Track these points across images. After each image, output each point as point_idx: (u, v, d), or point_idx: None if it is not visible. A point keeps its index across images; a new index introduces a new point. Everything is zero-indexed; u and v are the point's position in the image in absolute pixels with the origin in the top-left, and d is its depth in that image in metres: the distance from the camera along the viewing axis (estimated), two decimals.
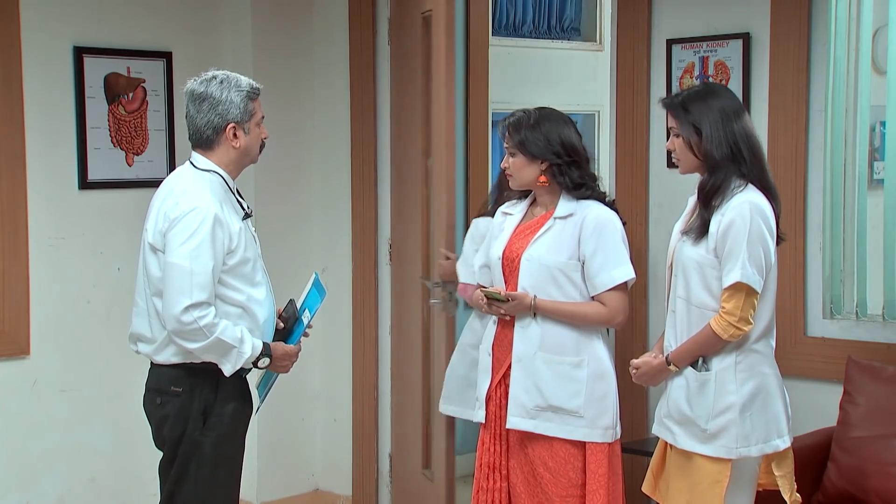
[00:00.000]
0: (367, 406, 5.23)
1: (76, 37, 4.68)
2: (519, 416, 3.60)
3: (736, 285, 3.18)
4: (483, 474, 3.69)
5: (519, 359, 3.61)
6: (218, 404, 3.39)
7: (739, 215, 3.18)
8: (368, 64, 5.14)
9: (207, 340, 3.27)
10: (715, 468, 3.23)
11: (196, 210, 3.27)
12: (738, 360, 3.24)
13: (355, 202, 5.23)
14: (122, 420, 4.83)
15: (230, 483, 3.49)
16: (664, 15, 4.35)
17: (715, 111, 3.24)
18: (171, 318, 3.27)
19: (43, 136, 4.60)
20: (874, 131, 4.03)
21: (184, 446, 3.39)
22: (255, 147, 3.45)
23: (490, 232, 3.83)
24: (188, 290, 3.24)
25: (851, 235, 3.99)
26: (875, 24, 3.97)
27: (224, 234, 3.30)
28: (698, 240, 3.25)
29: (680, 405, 3.28)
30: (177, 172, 3.47)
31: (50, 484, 4.66)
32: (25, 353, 4.57)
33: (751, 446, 3.23)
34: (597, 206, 3.63)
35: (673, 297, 3.35)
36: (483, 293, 3.61)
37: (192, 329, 3.26)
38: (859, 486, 3.69)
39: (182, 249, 3.25)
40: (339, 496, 5.36)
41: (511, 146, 3.65)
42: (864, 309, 3.99)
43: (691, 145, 3.27)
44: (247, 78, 3.45)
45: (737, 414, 3.21)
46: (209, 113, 3.36)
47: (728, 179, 3.22)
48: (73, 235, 4.70)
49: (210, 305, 3.28)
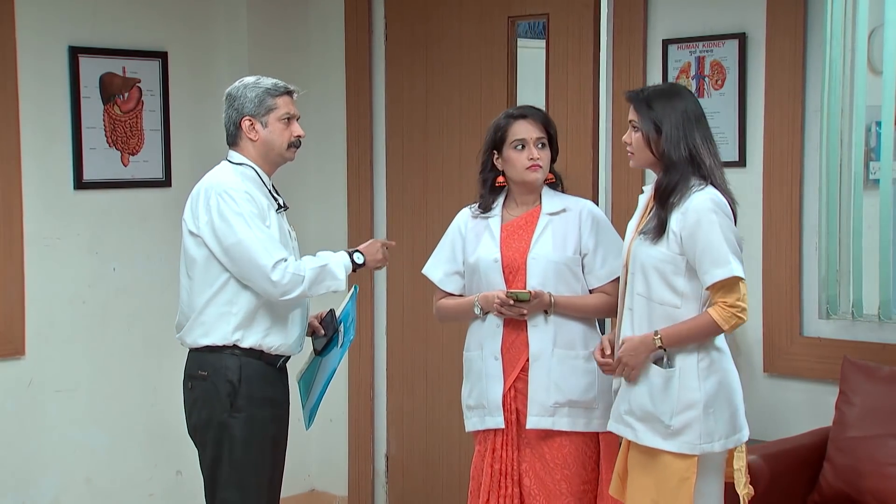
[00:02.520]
0: (364, 406, 5.23)
1: (71, 36, 4.67)
2: (539, 416, 3.57)
3: (731, 280, 3.18)
4: (494, 481, 3.63)
5: (536, 357, 3.58)
6: (244, 387, 3.47)
7: (704, 212, 3.19)
8: (364, 61, 5.14)
9: (305, 280, 3.46)
10: (682, 465, 3.22)
11: (228, 191, 3.46)
12: (700, 358, 3.25)
13: (351, 201, 5.23)
14: (118, 420, 4.83)
15: (266, 466, 3.54)
16: (660, 15, 4.34)
17: (678, 112, 3.25)
18: (266, 284, 3.42)
19: (38, 136, 4.59)
20: (870, 131, 4.03)
21: (213, 430, 3.49)
22: (277, 141, 3.59)
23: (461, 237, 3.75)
24: (265, 252, 3.42)
25: (847, 235, 3.98)
26: (871, 24, 3.96)
27: (258, 207, 3.48)
28: (657, 239, 3.26)
29: (643, 402, 3.28)
30: (214, 168, 3.63)
31: (45, 485, 4.65)
32: (21, 354, 4.57)
33: (714, 442, 3.23)
34: (583, 199, 3.68)
35: (630, 296, 3.34)
36: (509, 295, 3.53)
37: (288, 281, 3.43)
38: (855, 486, 3.68)
39: (237, 226, 3.42)
40: (335, 496, 5.35)
41: (545, 136, 3.64)
42: (860, 309, 3.98)
43: (649, 142, 3.28)
44: (276, 80, 3.63)
45: (700, 410, 3.21)
46: (229, 109, 3.59)
47: (685, 179, 3.23)
48: (69, 235, 4.70)
49: (287, 257, 3.45)
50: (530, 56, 4.89)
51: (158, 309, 4.85)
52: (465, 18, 4.86)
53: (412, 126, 5.06)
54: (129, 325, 4.86)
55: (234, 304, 3.48)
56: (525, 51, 4.89)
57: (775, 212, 4.08)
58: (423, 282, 4.98)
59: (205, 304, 3.49)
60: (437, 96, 4.96)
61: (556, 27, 4.56)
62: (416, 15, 5.02)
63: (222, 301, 3.48)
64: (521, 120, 3.64)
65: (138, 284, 4.88)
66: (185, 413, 3.60)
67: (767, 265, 4.09)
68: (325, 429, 5.28)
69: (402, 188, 5.11)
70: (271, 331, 3.52)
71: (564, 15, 4.53)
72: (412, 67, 5.03)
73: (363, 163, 5.19)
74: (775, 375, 4.11)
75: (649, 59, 4.36)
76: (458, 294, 3.75)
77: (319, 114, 5.28)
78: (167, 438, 4.89)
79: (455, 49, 4.90)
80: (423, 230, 5.00)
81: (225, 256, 3.46)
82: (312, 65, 5.29)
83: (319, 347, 3.69)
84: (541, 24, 4.76)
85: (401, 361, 5.15)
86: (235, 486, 3.50)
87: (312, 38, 5.31)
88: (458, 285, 3.75)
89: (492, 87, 4.78)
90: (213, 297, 3.49)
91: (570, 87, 4.52)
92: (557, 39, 4.56)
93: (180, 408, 3.69)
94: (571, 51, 4.52)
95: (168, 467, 4.96)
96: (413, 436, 5.11)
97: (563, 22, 4.54)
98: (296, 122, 3.63)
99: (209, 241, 3.47)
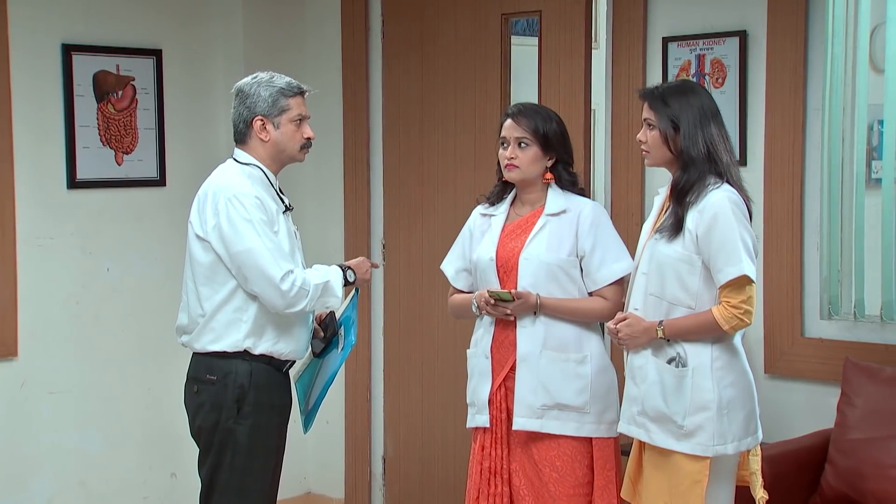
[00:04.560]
0: (360, 408, 5.20)
1: (65, 34, 4.64)
2: (525, 417, 3.56)
3: (740, 279, 3.16)
4: (484, 479, 3.64)
5: (524, 359, 3.57)
6: (252, 392, 3.44)
7: (721, 210, 3.17)
8: (361, 58, 5.13)
9: (309, 295, 3.43)
10: (694, 468, 3.20)
11: (238, 196, 3.41)
12: (714, 358, 3.23)
13: (348, 199, 5.21)
14: (112, 422, 4.81)
15: (267, 472, 3.52)
16: (660, 12, 4.32)
17: (695, 109, 3.24)
18: (275, 297, 3.39)
19: (31, 134, 4.56)
20: (872, 130, 4.01)
21: (218, 434, 3.46)
22: (288, 143, 3.54)
23: (469, 235, 3.75)
24: (274, 264, 3.38)
25: (849, 235, 3.97)
26: (873, 21, 3.95)
27: (267, 213, 3.44)
28: (673, 237, 3.23)
29: (656, 402, 3.26)
30: (220, 167, 3.57)
31: (39, 488, 4.62)
32: (13, 355, 4.54)
33: (727, 444, 3.21)
34: (588, 201, 3.64)
35: (641, 295, 3.31)
36: (490, 294, 3.54)
37: (295, 294, 3.40)
38: (857, 488, 3.67)
39: (246, 234, 3.38)
40: (331, 499, 5.33)
41: (527, 136, 3.59)
42: (862, 310, 3.96)
43: (667, 139, 3.26)
44: (290, 78, 3.57)
45: (714, 412, 3.19)
46: (240, 107, 3.53)
47: (703, 177, 3.21)
48: (62, 235, 4.66)
49: (294, 268, 3.42)
50: (524, 53, 4.89)
51: (153, 309, 4.83)
52: (459, 16, 4.85)
53: (408, 123, 5.03)
54: (122, 326, 4.83)
55: (245, 311, 3.45)
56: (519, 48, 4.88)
57: (776, 211, 4.06)
58: (420, 282, 4.98)
59: (214, 310, 3.45)
60: (433, 94, 4.94)
61: (549, 24, 4.55)
62: (412, 12, 5.00)
63: (232, 308, 3.45)
64: (508, 118, 3.64)
65: (132, 285, 4.85)
66: (188, 416, 3.57)
67: (768, 265, 4.07)
68: (322, 431, 5.24)
69: (398, 186, 5.08)
70: (281, 337, 3.50)
71: (556, 11, 4.53)
72: (408, 65, 5.01)
73: (360, 160, 5.16)
74: (776, 376, 4.09)
75: (649, 57, 4.34)
76: (467, 291, 3.75)
77: (316, 111, 5.21)
78: (162, 440, 4.87)
79: (450, 46, 4.88)
80: (419, 228, 4.98)
81: (231, 263, 3.42)
82: (309, 62, 5.26)
83: (318, 350, 3.67)
84: (534, 20, 4.75)
85: (398, 363, 5.12)
86: (234, 492, 3.47)
87: (309, 36, 5.28)
88: (467, 282, 3.75)
89: (486, 85, 4.77)
90: (222, 304, 3.45)
91: (563, 83, 4.51)
92: (549, 36, 4.56)
93: (176, 409, 3.67)
94: (563, 47, 4.51)
95: (163, 470, 4.93)
96: (410, 438, 5.08)
97: (556, 18, 4.53)
98: (306, 123, 3.59)
99: (216, 246, 3.43)
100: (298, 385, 3.71)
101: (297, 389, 3.70)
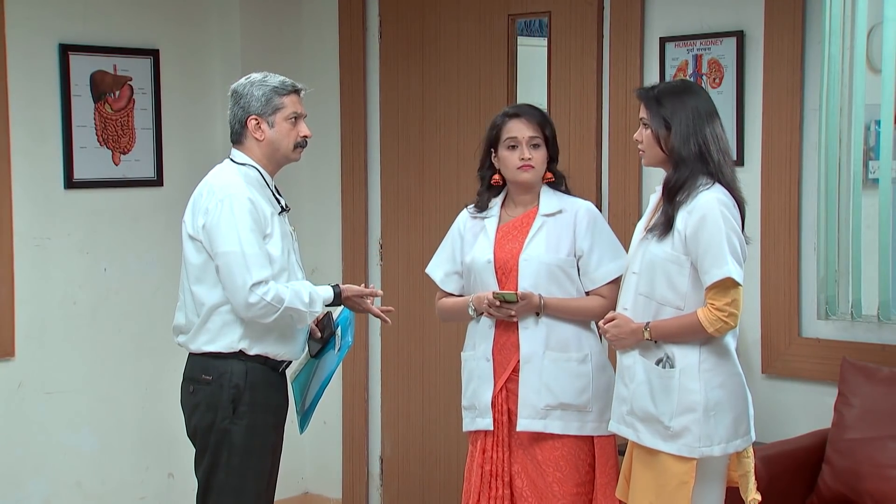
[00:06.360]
0: (358, 408, 5.20)
1: (62, 34, 4.64)
2: (529, 418, 3.55)
3: (725, 281, 3.16)
4: (484, 482, 3.62)
5: (527, 360, 3.56)
6: (248, 393, 3.44)
7: (709, 212, 3.17)
8: (358, 59, 5.12)
9: (278, 312, 3.38)
10: (681, 469, 3.20)
11: (230, 197, 3.40)
12: (702, 359, 3.23)
13: (345, 200, 5.20)
14: (109, 423, 4.80)
15: (263, 472, 3.52)
16: (657, 13, 4.32)
17: (688, 108, 3.24)
18: (240, 304, 3.37)
19: (28, 134, 4.56)
20: (869, 130, 4.01)
21: (214, 434, 3.45)
22: (283, 142, 3.54)
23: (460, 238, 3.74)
24: (246, 272, 3.35)
25: (846, 235, 3.96)
26: (870, 22, 3.94)
27: (259, 217, 3.42)
28: (663, 237, 3.24)
29: (644, 403, 3.27)
30: (216, 167, 3.57)
31: (35, 488, 4.62)
32: (10, 355, 4.53)
33: (713, 446, 3.21)
34: (582, 200, 3.64)
35: (631, 295, 3.32)
36: (496, 296, 3.52)
37: (262, 307, 3.36)
38: (854, 488, 3.66)
39: (229, 237, 3.36)
40: (329, 499, 5.33)
41: (539, 136, 3.60)
42: (859, 310, 3.96)
43: (659, 138, 3.26)
44: (283, 77, 3.56)
45: (700, 413, 3.19)
46: (235, 107, 3.53)
47: (694, 176, 3.22)
48: (59, 235, 4.66)
49: (270, 281, 3.38)
50: (527, 54, 4.87)
51: (150, 310, 4.83)
52: (462, 16, 4.83)
53: (407, 125, 5.03)
54: (120, 326, 4.82)
55: None
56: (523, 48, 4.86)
57: (773, 211, 4.06)
58: (417, 283, 4.97)
59: (209, 311, 3.45)
60: (434, 95, 4.94)
61: (559, 25, 4.53)
62: (411, 13, 4.99)
63: (227, 309, 3.44)
64: (515, 119, 3.62)
65: (130, 285, 4.84)
66: (184, 416, 3.57)
67: (766, 265, 4.07)
68: (319, 431, 5.24)
69: (396, 188, 5.08)
70: (277, 339, 3.49)
71: (567, 12, 4.50)
72: (407, 66, 5.00)
73: (357, 162, 5.16)
74: (773, 377, 4.08)
75: (646, 57, 4.34)
76: (457, 294, 3.74)
77: (313, 112, 5.20)
78: (159, 441, 4.86)
79: (452, 47, 4.87)
80: (418, 230, 4.98)
81: (213, 262, 3.42)
82: (306, 63, 5.25)
83: (315, 350, 3.67)
84: (539, 21, 4.73)
85: (395, 363, 5.12)
86: (231, 492, 3.47)
87: (306, 36, 5.28)
88: (457, 285, 3.74)
89: (491, 87, 4.75)
90: (217, 305, 3.44)
91: (573, 85, 4.49)
92: (560, 37, 4.53)
93: (172, 409, 3.66)
94: (574, 49, 4.49)
95: (160, 470, 4.92)
96: (408, 438, 5.08)
97: (566, 19, 4.50)
98: (302, 121, 3.58)
99: (206, 244, 3.43)
100: (295, 385, 3.71)
101: (294, 390, 3.70)
